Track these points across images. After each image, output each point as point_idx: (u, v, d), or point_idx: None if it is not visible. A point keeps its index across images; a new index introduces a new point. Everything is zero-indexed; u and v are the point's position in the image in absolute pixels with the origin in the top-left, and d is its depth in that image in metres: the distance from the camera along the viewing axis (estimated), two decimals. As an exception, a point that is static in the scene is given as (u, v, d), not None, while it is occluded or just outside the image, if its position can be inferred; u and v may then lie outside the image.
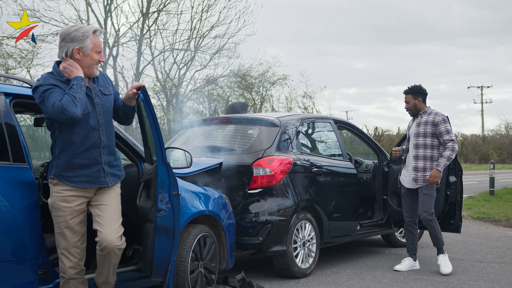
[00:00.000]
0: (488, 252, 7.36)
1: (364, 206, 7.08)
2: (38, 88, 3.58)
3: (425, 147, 6.10)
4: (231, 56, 24.92)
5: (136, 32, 23.38)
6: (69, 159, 3.66)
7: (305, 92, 29.99)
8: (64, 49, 3.65)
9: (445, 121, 6.09)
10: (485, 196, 15.06)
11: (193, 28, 23.74)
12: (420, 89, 6.26)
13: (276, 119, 6.17)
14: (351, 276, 5.93)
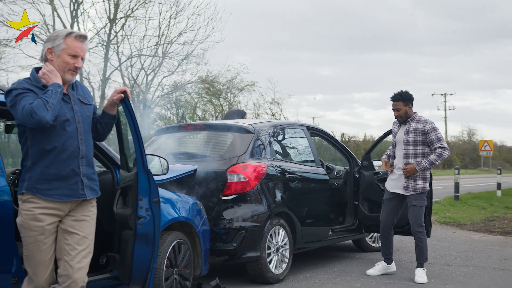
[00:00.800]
0: (456, 256, 7.51)
1: (335, 211, 7.15)
2: (11, 92, 3.35)
3: (415, 156, 6.03)
4: (199, 62, 24.87)
5: (103, 37, 23.16)
6: (44, 169, 3.37)
7: (272, 99, 30.12)
8: (43, 49, 3.48)
9: (435, 129, 6.04)
10: (450, 201, 15.36)
11: (161, 34, 23.64)
12: (410, 96, 6.17)
13: (250, 125, 6.20)
14: (324, 281, 5.98)
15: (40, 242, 3.34)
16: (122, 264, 4.04)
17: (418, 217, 6.03)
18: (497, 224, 11.15)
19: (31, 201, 3.35)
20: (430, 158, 5.96)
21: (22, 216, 3.36)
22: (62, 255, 3.41)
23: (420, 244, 6.05)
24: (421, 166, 5.96)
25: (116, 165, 4.50)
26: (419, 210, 6.03)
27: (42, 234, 3.34)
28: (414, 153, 6.03)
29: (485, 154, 25.29)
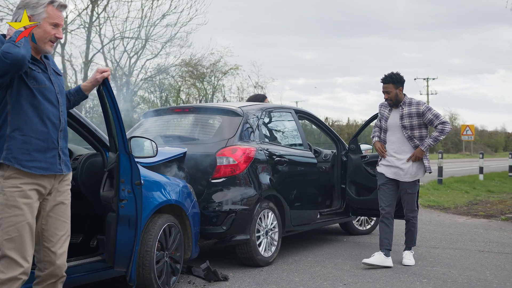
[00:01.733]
0: (441, 239, 7.59)
1: (323, 195, 7.17)
2: None
3: (412, 139, 5.89)
4: (183, 45, 24.74)
5: (85, 19, 22.88)
6: (26, 138, 3.13)
7: (256, 82, 30.05)
8: (16, 16, 3.20)
9: (430, 109, 5.90)
10: (433, 185, 15.54)
11: (144, 16, 23.42)
12: (401, 78, 5.99)
13: (238, 108, 6.17)
14: (312, 264, 6.01)
15: (31, 221, 3.14)
16: (108, 246, 4.03)
17: (412, 203, 6.01)
18: (480, 207, 11.30)
19: (16, 176, 3.10)
20: (432, 135, 5.85)
21: (6, 194, 3.07)
22: (41, 241, 3.26)
23: (412, 229, 6.07)
24: (426, 145, 5.84)
25: (106, 147, 4.45)
26: (413, 197, 6.00)
27: (32, 212, 3.14)
28: (411, 136, 5.89)
29: (466, 139, 25.55)
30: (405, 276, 5.48)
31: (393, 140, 6.00)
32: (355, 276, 5.49)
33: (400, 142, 5.95)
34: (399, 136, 5.95)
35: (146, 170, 4.82)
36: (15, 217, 3.08)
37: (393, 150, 5.99)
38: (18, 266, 3.08)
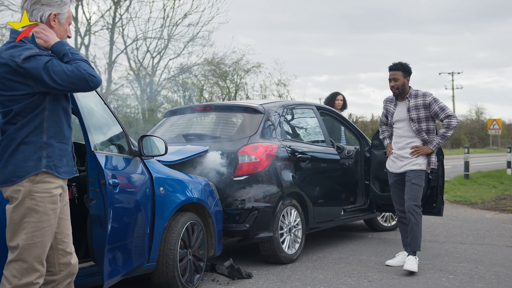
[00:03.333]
0: (468, 234, 7.48)
1: (347, 191, 7.12)
2: (36, 57, 2.93)
3: (420, 133, 5.61)
4: (205, 44, 24.82)
5: (108, 20, 23.09)
6: (61, 145, 3.08)
7: (279, 80, 29.97)
8: (38, 12, 3.07)
9: (436, 100, 5.62)
10: (460, 180, 15.33)
11: (166, 16, 23.55)
12: (410, 68, 5.77)
13: (260, 106, 6.15)
14: (337, 260, 5.97)
15: (54, 226, 3.05)
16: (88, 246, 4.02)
17: (417, 196, 5.59)
18: (508, 202, 11.10)
19: (46, 181, 3.01)
20: (440, 133, 5.58)
21: (35, 200, 2.97)
22: (55, 244, 3.16)
23: (415, 228, 5.56)
24: (435, 144, 5.57)
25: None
26: (418, 188, 5.60)
27: (56, 217, 3.05)
28: (418, 130, 5.61)
29: (493, 133, 25.16)
30: (431, 272, 5.40)
31: (401, 134, 5.74)
32: (380, 272, 5.44)
33: (408, 136, 5.68)
34: (407, 129, 5.69)
35: (168, 168, 4.84)
36: (41, 223, 3.00)
37: (400, 144, 5.73)
38: (34, 271, 3.00)
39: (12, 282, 2.96)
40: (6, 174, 2.97)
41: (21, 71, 2.92)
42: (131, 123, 23.44)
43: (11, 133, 2.98)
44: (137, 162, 4.37)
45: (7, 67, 2.94)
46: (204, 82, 27.88)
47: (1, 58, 2.96)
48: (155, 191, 4.47)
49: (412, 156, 5.61)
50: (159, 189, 4.52)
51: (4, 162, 2.98)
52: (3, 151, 2.99)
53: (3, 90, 2.98)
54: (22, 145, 2.97)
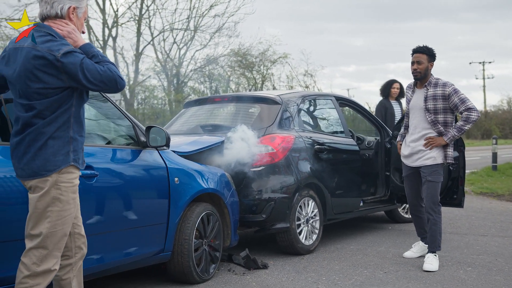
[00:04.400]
0: (491, 227, 7.38)
1: (367, 182, 7.08)
2: (73, 53, 3.00)
3: (435, 124, 5.29)
4: (231, 35, 24.92)
5: (135, 12, 23.28)
6: (82, 139, 3.20)
7: (306, 71, 29.86)
8: (59, 5, 3.14)
9: (456, 91, 5.25)
10: (488, 171, 15.08)
11: (192, 7, 23.63)
12: (435, 53, 5.46)
13: (277, 96, 6.14)
14: (354, 252, 5.95)
15: (73, 215, 3.17)
16: None
17: (434, 194, 5.30)
18: (535, 194, 10.91)
19: (70, 171, 3.12)
20: (457, 125, 5.23)
21: (60, 189, 3.08)
22: (72, 229, 3.26)
23: (433, 227, 5.31)
24: (450, 136, 5.23)
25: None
26: (435, 186, 5.29)
27: (75, 206, 3.18)
28: (435, 121, 5.28)
29: (525, 123, 24.65)
30: (448, 264, 5.35)
31: (415, 124, 5.42)
32: (396, 264, 5.41)
33: (423, 126, 5.36)
34: (422, 119, 5.36)
35: (183, 159, 4.88)
36: (64, 212, 3.11)
37: (415, 136, 5.41)
38: (53, 257, 3.11)
39: (31, 268, 3.04)
40: (34, 168, 3.05)
41: (58, 65, 2.99)
42: (158, 114, 23.66)
43: (39, 127, 3.04)
44: (150, 153, 4.42)
45: (44, 60, 3.00)
46: (231, 73, 27.96)
47: (37, 51, 3.01)
48: (170, 181, 4.52)
49: (425, 148, 5.32)
50: (174, 179, 4.56)
51: (31, 156, 3.05)
52: (30, 145, 3.06)
53: (33, 82, 3.04)
54: (50, 140, 3.05)
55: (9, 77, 3.15)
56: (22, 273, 3.05)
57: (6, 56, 3.19)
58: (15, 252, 3.30)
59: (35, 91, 3.04)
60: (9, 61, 3.16)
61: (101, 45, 22.66)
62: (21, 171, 3.10)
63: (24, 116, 3.08)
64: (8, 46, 3.21)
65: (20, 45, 3.11)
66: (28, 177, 3.07)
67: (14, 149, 3.12)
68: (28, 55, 3.04)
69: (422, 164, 5.34)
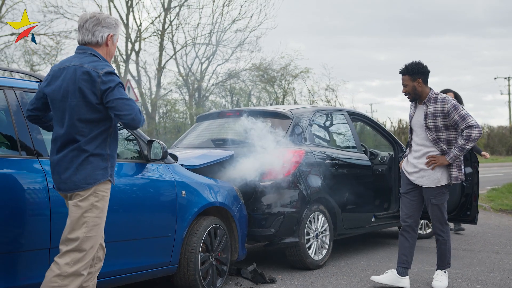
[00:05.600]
0: (506, 244, 7.27)
1: (379, 198, 7.04)
2: (114, 75, 3.35)
3: (437, 143, 5.02)
4: (253, 49, 24.94)
5: (157, 27, 23.53)
6: (115, 155, 3.53)
7: (327, 85, 29.82)
8: (100, 33, 3.46)
9: (456, 107, 4.94)
10: (509, 188, 14.81)
11: (215, 22, 23.80)
12: (420, 68, 5.11)
13: (288, 111, 6.17)
14: (364, 267, 5.92)
15: (104, 222, 3.48)
16: None
17: (440, 216, 5.09)
18: (556, 211, 10.71)
19: (106, 183, 3.43)
20: (459, 144, 4.92)
21: (98, 197, 3.37)
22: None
23: (443, 247, 5.16)
24: (452, 156, 4.94)
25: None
26: (440, 208, 5.07)
27: (105, 215, 3.49)
28: (436, 139, 5.02)
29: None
30: (458, 282, 5.29)
31: (418, 141, 5.15)
32: (406, 280, 5.35)
33: (425, 145, 5.09)
34: (423, 137, 5.10)
35: (191, 172, 4.92)
36: (98, 219, 3.39)
37: (417, 153, 5.14)
38: (85, 262, 3.34)
39: (63, 268, 3.28)
40: (75, 181, 3.33)
41: (98, 81, 3.31)
42: (179, 128, 23.82)
43: (81, 145, 3.34)
44: (157, 166, 4.48)
45: (88, 76, 3.32)
46: (252, 87, 28.03)
47: (84, 68, 3.34)
48: (177, 194, 4.56)
49: (427, 167, 5.04)
50: (181, 193, 4.61)
51: (73, 171, 3.34)
52: (72, 161, 3.35)
53: (77, 98, 3.34)
54: (91, 157, 3.35)
55: (51, 94, 3.43)
56: (53, 272, 3.27)
57: (50, 77, 3.48)
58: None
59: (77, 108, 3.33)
60: (52, 80, 3.45)
61: (124, 59, 22.95)
62: (63, 185, 3.37)
63: (65, 133, 3.36)
64: (52, 69, 3.51)
65: (66, 65, 3.42)
66: (69, 190, 3.35)
67: (56, 165, 3.39)
68: (75, 72, 3.35)
69: (425, 185, 5.07)
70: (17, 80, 4.00)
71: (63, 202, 3.78)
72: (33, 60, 22.56)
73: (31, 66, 22.26)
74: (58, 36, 21.86)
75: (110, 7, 22.53)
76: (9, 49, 21.59)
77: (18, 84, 3.88)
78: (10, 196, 3.53)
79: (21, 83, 3.94)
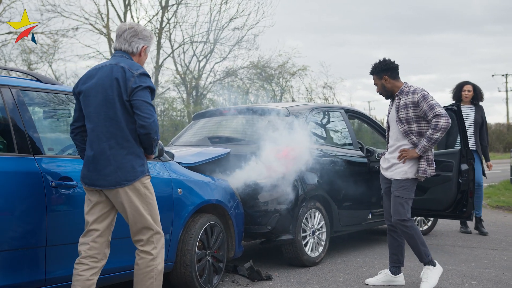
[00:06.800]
0: (502, 240, 7.30)
1: (376, 195, 7.05)
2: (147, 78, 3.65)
3: (408, 135, 4.92)
4: (250, 47, 24.98)
5: (155, 25, 23.54)
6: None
7: (325, 83, 29.84)
8: (136, 44, 3.75)
9: (425, 97, 4.85)
10: (505, 185, 14.88)
11: (212, 20, 23.82)
12: (384, 65, 5.04)
13: (285, 109, 6.19)
14: (361, 264, 5.94)
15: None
16: None
17: (399, 209, 4.90)
18: (553, 208, 10.75)
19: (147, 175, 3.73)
20: (427, 134, 4.81)
21: (147, 187, 3.68)
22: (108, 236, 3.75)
23: (410, 240, 4.92)
24: (420, 147, 4.83)
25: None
26: (401, 202, 4.90)
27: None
28: (408, 131, 4.91)
29: (547, 136, 24.30)
30: (454, 278, 5.32)
31: (391, 136, 5.08)
32: (401, 277, 5.38)
33: (397, 138, 5.01)
34: (396, 130, 5.01)
35: (187, 170, 4.94)
36: (154, 201, 3.73)
37: (391, 148, 5.08)
38: (162, 236, 3.78)
39: (153, 252, 3.69)
40: (117, 178, 3.57)
41: (132, 80, 3.56)
42: (177, 126, 23.83)
43: (119, 143, 3.58)
44: (153, 164, 4.49)
45: (123, 72, 3.57)
46: (250, 85, 28.05)
47: (120, 65, 3.61)
48: (173, 191, 4.58)
49: (399, 161, 4.95)
50: (177, 190, 4.62)
51: (113, 169, 3.57)
52: (112, 159, 3.57)
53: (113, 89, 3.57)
54: (130, 154, 3.60)
55: (87, 91, 3.64)
56: (146, 259, 3.67)
57: (85, 77, 3.72)
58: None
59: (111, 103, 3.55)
60: (88, 79, 3.68)
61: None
62: (102, 181, 3.59)
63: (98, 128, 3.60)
64: (87, 71, 3.76)
65: (102, 65, 3.69)
66: (110, 186, 3.58)
67: (91, 162, 3.61)
68: (111, 69, 3.60)
69: (392, 177, 5.00)
70: (13, 78, 4.02)
71: (60, 200, 3.82)
72: (30, 58, 22.57)
73: (29, 64, 22.26)
74: (56, 34, 21.86)
75: (108, 5, 22.57)
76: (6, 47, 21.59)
77: (14, 83, 3.90)
78: (5, 194, 3.54)
79: (18, 81, 3.96)
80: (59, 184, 3.83)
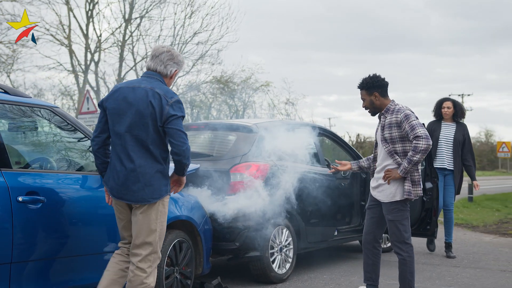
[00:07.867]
0: (463, 258, 7.44)
1: (342, 212, 7.11)
2: (181, 106, 3.89)
3: (392, 155, 4.81)
4: (214, 62, 24.92)
5: (118, 37, 23.31)
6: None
7: (287, 99, 30.07)
8: (171, 67, 3.98)
9: (408, 117, 4.73)
10: (463, 203, 15.25)
11: (176, 34, 23.73)
12: (376, 81, 4.96)
13: (253, 125, 6.19)
14: (327, 281, 5.96)
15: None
16: None
17: (396, 233, 4.84)
18: (510, 226, 11.03)
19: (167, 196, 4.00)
20: (408, 156, 4.69)
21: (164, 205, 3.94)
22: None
23: (403, 267, 4.85)
24: (402, 168, 4.71)
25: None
26: (396, 224, 4.82)
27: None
28: (392, 151, 4.82)
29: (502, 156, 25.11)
30: (419, 295, 5.38)
31: (379, 154, 5.00)
32: (368, 294, 5.41)
33: (383, 158, 4.92)
34: (381, 150, 4.94)
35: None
36: (163, 222, 3.96)
37: (378, 168, 4.98)
38: (159, 258, 3.98)
39: (147, 271, 3.87)
40: (143, 195, 3.81)
41: (167, 108, 3.77)
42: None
43: (148, 163, 3.81)
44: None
45: (159, 99, 3.78)
46: (212, 100, 28.03)
47: (156, 91, 3.82)
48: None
49: (384, 181, 4.87)
50: (146, 206, 4.55)
51: (141, 186, 3.80)
52: (141, 176, 3.79)
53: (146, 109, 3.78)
54: (157, 174, 3.84)
55: (120, 108, 3.81)
56: (140, 276, 3.84)
57: (114, 92, 3.89)
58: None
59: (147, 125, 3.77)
60: (119, 95, 3.84)
61: (83, 69, 22.64)
62: (130, 196, 3.82)
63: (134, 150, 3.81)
64: (117, 86, 3.95)
65: (136, 85, 3.86)
66: (136, 202, 3.82)
67: (120, 177, 3.81)
68: (147, 93, 3.80)
69: (382, 200, 4.90)
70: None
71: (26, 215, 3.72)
72: (-13, 69, 22.03)
73: (-14, 74, 21.72)
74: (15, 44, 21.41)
75: (70, 16, 22.23)
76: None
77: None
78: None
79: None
80: (26, 199, 3.73)
